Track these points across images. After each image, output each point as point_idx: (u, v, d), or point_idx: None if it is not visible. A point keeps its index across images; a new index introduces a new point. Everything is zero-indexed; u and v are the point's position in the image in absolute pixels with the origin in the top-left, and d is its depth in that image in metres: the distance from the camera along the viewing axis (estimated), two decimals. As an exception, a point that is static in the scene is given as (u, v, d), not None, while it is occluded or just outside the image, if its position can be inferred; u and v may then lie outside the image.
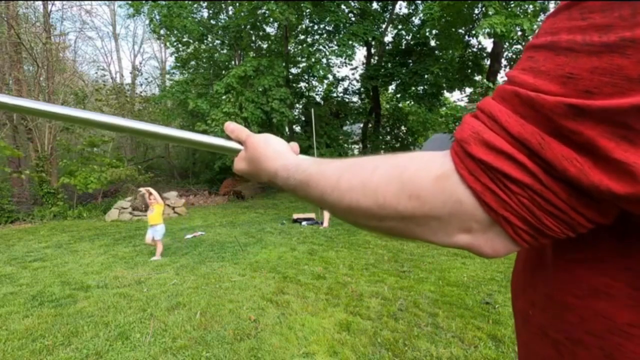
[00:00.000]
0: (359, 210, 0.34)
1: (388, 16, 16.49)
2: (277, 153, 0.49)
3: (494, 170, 0.27)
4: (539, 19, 9.65)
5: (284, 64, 13.57)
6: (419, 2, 15.61)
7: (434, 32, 14.24)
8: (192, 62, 15.96)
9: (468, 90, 16.64)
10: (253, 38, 15.03)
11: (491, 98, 0.29)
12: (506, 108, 0.27)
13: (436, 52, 15.89)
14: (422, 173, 0.31)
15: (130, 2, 12.91)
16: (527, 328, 0.39)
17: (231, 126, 0.56)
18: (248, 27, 13.79)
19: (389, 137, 19.54)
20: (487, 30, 9.40)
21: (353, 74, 20.46)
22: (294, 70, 16.36)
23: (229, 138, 0.57)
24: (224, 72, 14.15)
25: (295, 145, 0.54)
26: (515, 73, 0.28)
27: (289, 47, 15.51)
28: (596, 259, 0.30)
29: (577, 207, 0.26)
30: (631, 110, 0.21)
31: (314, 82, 17.53)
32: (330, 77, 17.21)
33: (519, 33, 9.24)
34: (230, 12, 15.19)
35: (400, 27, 16.87)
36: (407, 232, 0.33)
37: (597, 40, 0.23)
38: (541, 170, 0.25)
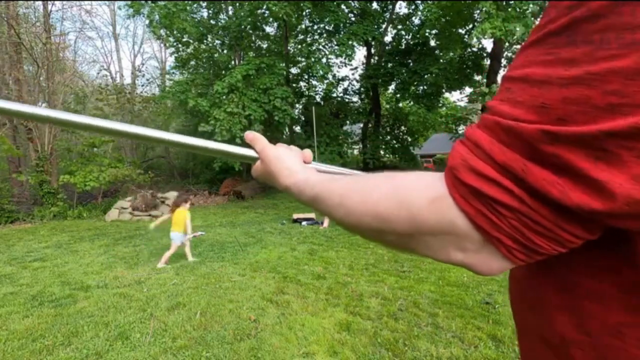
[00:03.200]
0: (361, 226, 0.38)
1: (388, 16, 16.50)
2: (288, 170, 0.52)
3: (483, 195, 0.29)
4: (536, 20, 9.60)
5: (283, 64, 13.58)
6: (419, 2, 15.61)
7: (433, 32, 14.25)
8: (192, 62, 15.95)
9: (468, 90, 16.65)
10: (253, 38, 15.02)
11: (476, 126, 0.31)
12: (489, 136, 0.29)
13: (436, 52, 15.89)
14: (418, 194, 0.33)
15: (130, 2, 12.89)
16: (525, 332, 0.40)
17: (250, 135, 0.58)
18: (248, 27, 13.78)
19: (389, 137, 19.53)
20: (481, 37, 9.45)
21: (353, 74, 20.51)
22: (293, 70, 16.35)
23: (246, 145, 0.58)
24: (224, 72, 14.13)
25: (308, 154, 0.58)
26: (494, 103, 0.30)
27: (289, 47, 15.50)
28: (586, 263, 0.31)
29: (564, 226, 0.27)
30: (600, 135, 0.24)
31: (314, 82, 17.54)
32: (330, 77, 17.21)
33: (519, 34, 9.20)
34: (230, 12, 15.18)
35: (400, 27, 16.88)
36: (406, 246, 0.36)
37: (565, 73, 0.25)
38: (527, 194, 0.27)
